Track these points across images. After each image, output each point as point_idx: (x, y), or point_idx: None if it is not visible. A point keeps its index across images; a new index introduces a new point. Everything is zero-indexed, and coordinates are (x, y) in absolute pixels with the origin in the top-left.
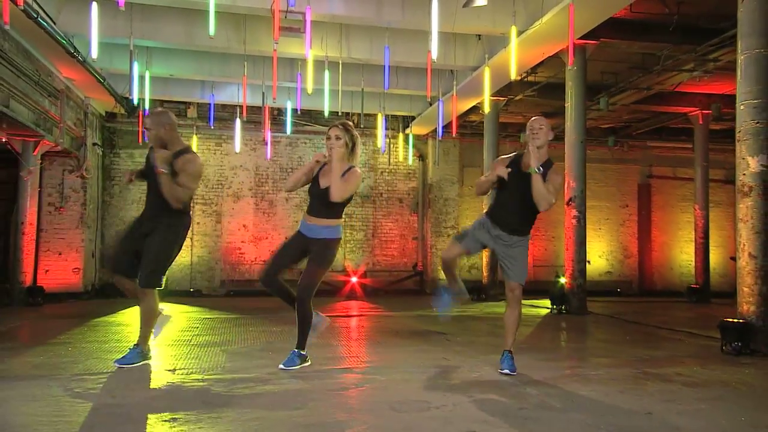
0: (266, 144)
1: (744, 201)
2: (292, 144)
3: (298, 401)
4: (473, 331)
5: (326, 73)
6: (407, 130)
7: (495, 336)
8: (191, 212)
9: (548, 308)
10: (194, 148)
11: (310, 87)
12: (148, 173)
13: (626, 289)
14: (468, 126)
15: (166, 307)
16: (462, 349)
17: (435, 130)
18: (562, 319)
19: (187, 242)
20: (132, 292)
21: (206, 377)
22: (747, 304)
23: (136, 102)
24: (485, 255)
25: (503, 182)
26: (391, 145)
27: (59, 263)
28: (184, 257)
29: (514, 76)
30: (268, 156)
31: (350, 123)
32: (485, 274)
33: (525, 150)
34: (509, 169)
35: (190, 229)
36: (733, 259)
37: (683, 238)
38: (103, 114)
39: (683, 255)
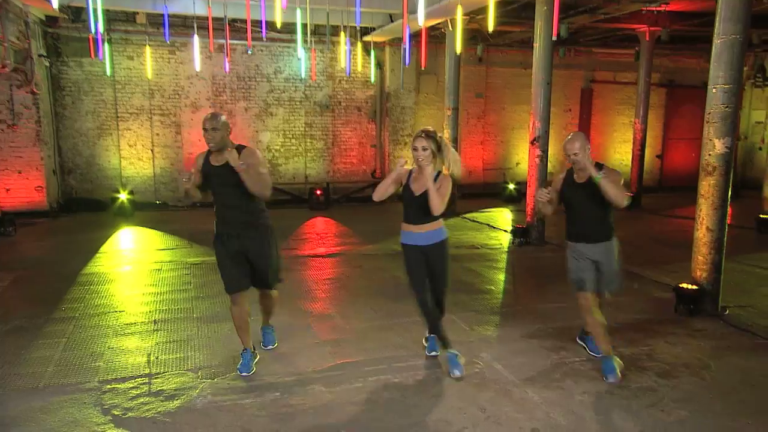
0: (225, 57)
1: (707, 179)
2: (247, 51)
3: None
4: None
5: None
6: (366, 37)
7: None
8: (263, 206)
9: (505, 230)
10: (147, 58)
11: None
12: (214, 182)
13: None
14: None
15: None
16: (451, 315)
17: (393, 39)
18: (525, 252)
19: (148, 154)
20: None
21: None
22: (700, 270)
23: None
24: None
25: (568, 201)
26: (350, 54)
27: (20, 182)
28: (146, 169)
29: None
30: (227, 69)
31: (432, 129)
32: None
33: (571, 167)
34: (548, 191)
35: (151, 140)
36: (659, 157)
37: (618, 140)
38: (44, 18)
39: (616, 155)
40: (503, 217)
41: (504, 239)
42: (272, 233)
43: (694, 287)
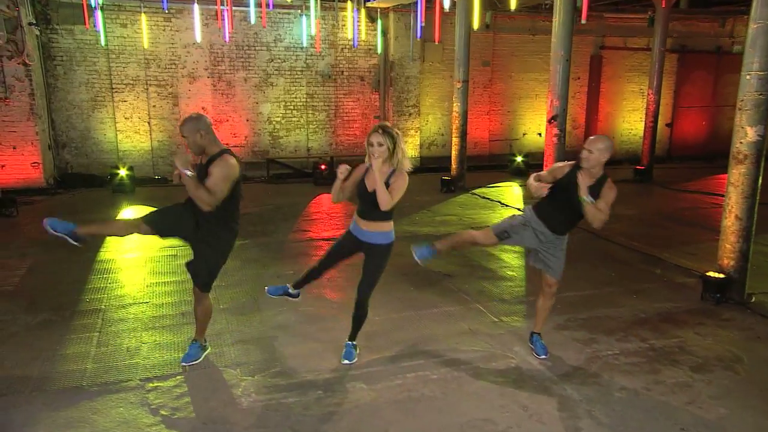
0: (224, 25)
1: (737, 168)
2: (248, 19)
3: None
4: (473, 264)
5: None
6: (369, 3)
7: (500, 279)
8: (235, 227)
9: (518, 209)
10: (143, 26)
11: None
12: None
13: (573, 159)
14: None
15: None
16: (477, 305)
17: (398, 5)
18: None
19: (145, 126)
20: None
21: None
22: (728, 259)
23: None
24: (455, 141)
25: (557, 193)
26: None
27: (15, 158)
28: (143, 142)
29: None
30: (227, 38)
31: (388, 124)
32: (454, 165)
33: (576, 165)
34: (548, 186)
35: (147, 112)
36: (669, 125)
37: (626, 108)
38: None
39: (625, 124)
40: (513, 194)
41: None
42: (225, 245)
43: (721, 275)
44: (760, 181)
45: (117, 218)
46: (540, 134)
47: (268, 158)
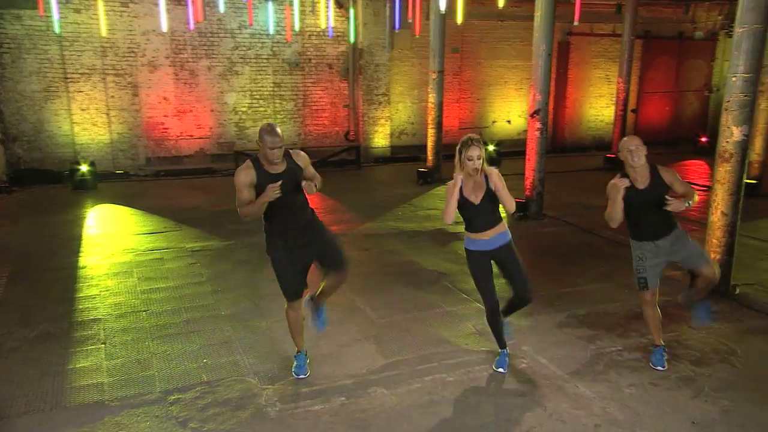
0: (188, 11)
1: (723, 165)
2: (210, 4)
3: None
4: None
5: None
6: None
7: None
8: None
9: None
10: (99, 11)
11: None
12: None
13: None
14: None
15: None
16: (477, 304)
17: None
18: (527, 228)
19: (103, 118)
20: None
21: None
22: (714, 253)
23: None
24: (431, 132)
25: (630, 205)
26: (317, 6)
27: None
28: (102, 135)
29: None
30: (191, 26)
31: (474, 135)
32: (430, 157)
33: (625, 169)
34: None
35: (106, 103)
36: (634, 111)
37: (593, 94)
38: None
39: (591, 110)
40: None
41: (501, 212)
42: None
43: None
44: (744, 178)
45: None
46: (509, 122)
47: (235, 150)
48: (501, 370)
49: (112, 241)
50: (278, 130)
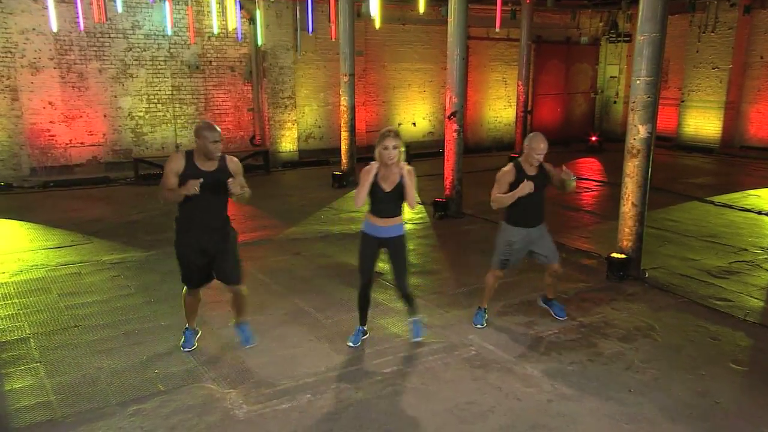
0: (77, 10)
1: (632, 161)
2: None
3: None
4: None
5: None
6: None
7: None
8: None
9: (422, 203)
10: None
11: None
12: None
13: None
14: None
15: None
16: (419, 300)
17: None
18: (448, 226)
19: None
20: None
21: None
22: (626, 240)
23: None
24: (344, 135)
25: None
26: (218, 6)
27: None
28: None
29: None
30: (81, 27)
31: (393, 128)
32: (344, 160)
33: (520, 159)
34: (531, 183)
35: None
36: (529, 113)
37: (492, 96)
38: None
39: (491, 112)
40: None
41: (423, 212)
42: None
43: (623, 256)
44: (650, 171)
45: (186, 302)
46: (414, 124)
47: (134, 158)
48: (350, 344)
49: (14, 258)
50: (215, 125)
